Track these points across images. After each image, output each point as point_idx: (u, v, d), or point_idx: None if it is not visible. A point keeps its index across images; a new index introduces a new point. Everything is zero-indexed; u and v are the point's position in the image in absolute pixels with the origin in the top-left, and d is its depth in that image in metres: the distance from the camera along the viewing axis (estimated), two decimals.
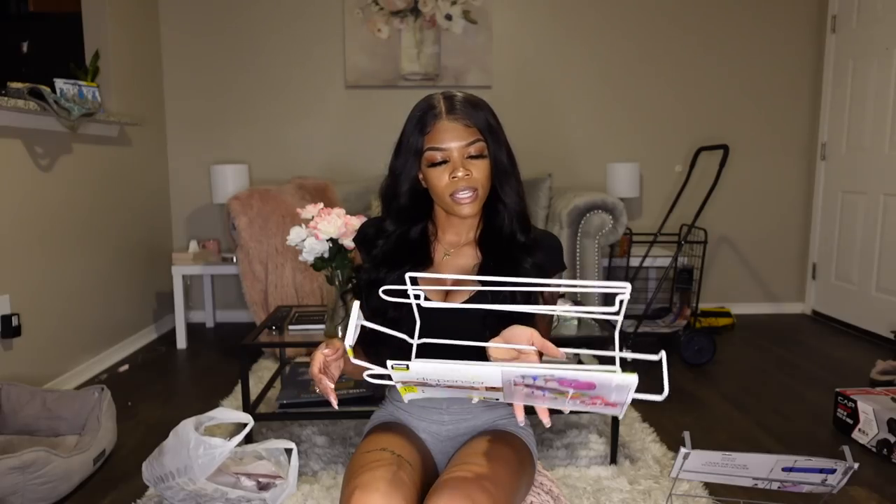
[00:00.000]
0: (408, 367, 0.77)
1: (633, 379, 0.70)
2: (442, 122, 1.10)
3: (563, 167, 3.84)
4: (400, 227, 1.19)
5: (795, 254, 4.05)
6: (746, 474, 1.35)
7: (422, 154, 1.12)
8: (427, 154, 1.11)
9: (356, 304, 0.86)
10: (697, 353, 2.97)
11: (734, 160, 3.71)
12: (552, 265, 1.19)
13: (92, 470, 1.89)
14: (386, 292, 0.87)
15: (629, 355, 0.81)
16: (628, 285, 0.76)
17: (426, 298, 1.08)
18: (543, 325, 1.18)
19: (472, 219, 1.18)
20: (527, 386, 0.75)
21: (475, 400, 0.87)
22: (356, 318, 0.85)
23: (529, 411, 0.91)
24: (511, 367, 0.73)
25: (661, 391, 0.74)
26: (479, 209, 1.15)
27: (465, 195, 1.10)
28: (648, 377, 2.81)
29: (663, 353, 0.79)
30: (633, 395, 0.73)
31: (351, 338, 0.83)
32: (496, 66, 3.80)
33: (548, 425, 0.86)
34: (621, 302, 0.75)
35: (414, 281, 0.94)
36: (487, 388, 0.80)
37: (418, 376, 0.79)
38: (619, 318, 0.76)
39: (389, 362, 0.79)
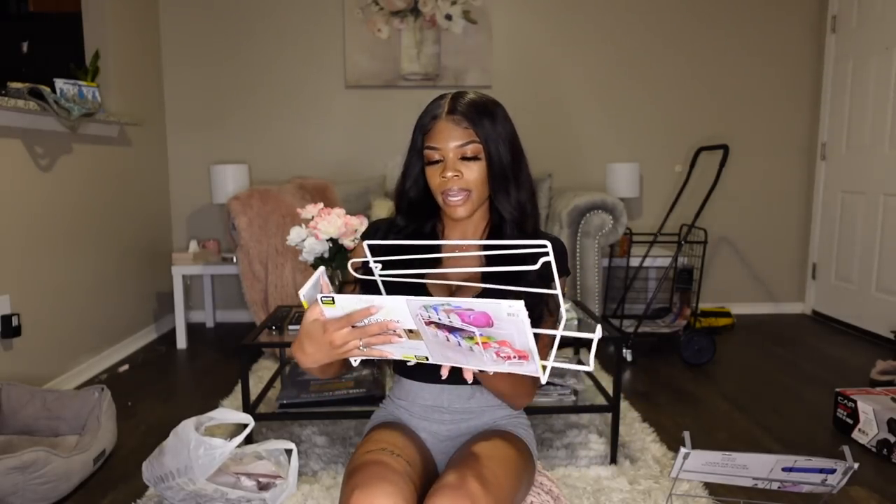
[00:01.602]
0: (333, 301, 0.85)
1: (519, 304, 0.72)
2: (441, 121, 1.10)
3: (563, 167, 3.84)
4: (411, 223, 1.19)
5: (795, 254, 4.05)
6: (746, 474, 1.35)
7: (422, 152, 1.13)
8: (425, 153, 1.12)
9: (321, 269, 0.93)
10: (697, 353, 2.97)
11: (734, 160, 3.71)
12: (558, 271, 1.18)
13: (92, 470, 1.89)
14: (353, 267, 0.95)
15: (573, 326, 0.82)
16: (548, 244, 0.81)
17: (425, 288, 1.09)
18: (551, 322, 1.17)
19: (476, 220, 1.18)
20: (437, 327, 0.78)
21: (411, 362, 0.90)
22: (318, 278, 0.92)
23: (529, 411, 0.91)
24: (415, 298, 0.77)
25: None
26: (473, 211, 1.14)
27: (454, 196, 1.10)
28: (648, 377, 2.75)
29: (599, 328, 0.83)
30: (530, 332, 0.74)
31: (305, 290, 0.90)
32: (496, 66, 3.80)
33: (469, 380, 0.90)
34: (547, 263, 0.79)
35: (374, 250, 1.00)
36: (410, 335, 0.83)
37: (343, 311, 0.85)
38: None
39: (318, 296, 0.87)
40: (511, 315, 0.72)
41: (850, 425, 2.17)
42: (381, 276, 0.95)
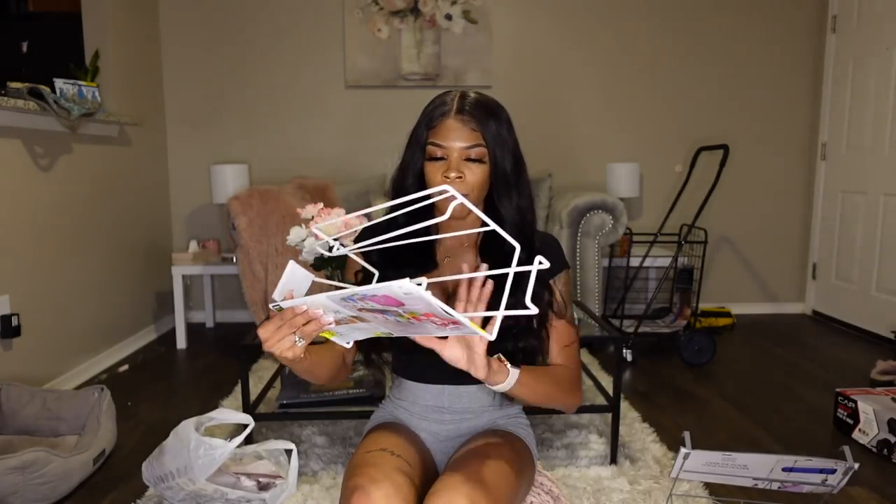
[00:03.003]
0: (281, 308, 0.87)
1: (407, 283, 0.71)
2: (448, 119, 1.09)
3: (563, 167, 3.84)
4: (410, 221, 1.18)
5: (795, 254, 4.05)
6: (746, 474, 1.34)
7: (425, 147, 1.12)
8: (428, 148, 1.11)
9: (291, 262, 0.93)
10: (697, 353, 2.97)
11: (734, 160, 3.71)
12: (555, 267, 1.18)
13: (92, 470, 1.89)
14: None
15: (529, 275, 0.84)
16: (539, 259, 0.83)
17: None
18: (561, 326, 1.16)
19: (471, 222, 1.17)
20: (370, 311, 0.80)
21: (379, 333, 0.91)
22: (290, 276, 0.91)
23: (530, 412, 0.91)
24: (334, 293, 0.79)
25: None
26: (466, 212, 1.14)
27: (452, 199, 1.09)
28: (648, 377, 2.75)
29: (538, 258, 0.83)
30: (438, 304, 0.73)
31: (279, 294, 0.90)
32: (496, 66, 3.80)
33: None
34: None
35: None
36: (370, 312, 0.83)
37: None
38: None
39: (271, 305, 0.88)
40: (407, 294, 0.72)
41: (850, 425, 2.17)
42: (338, 251, 0.98)
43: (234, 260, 3.24)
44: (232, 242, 3.13)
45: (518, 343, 1.10)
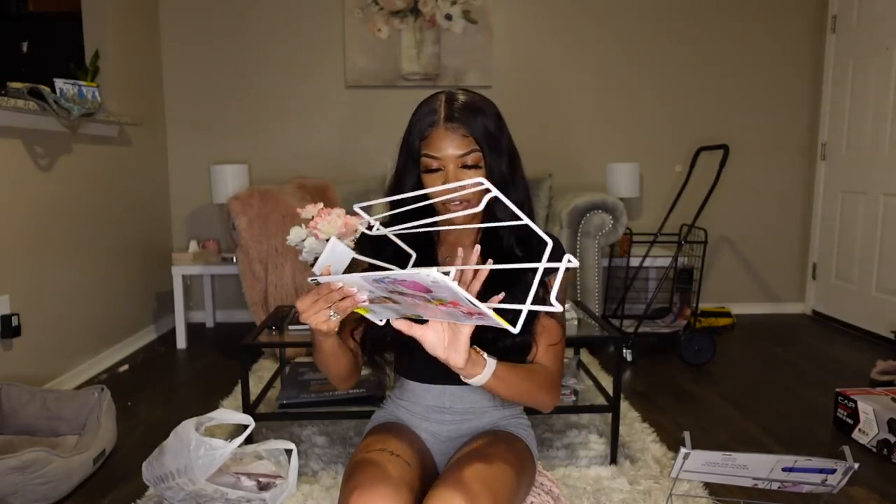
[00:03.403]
0: (318, 283, 0.92)
1: (434, 272, 0.74)
2: (439, 129, 1.08)
3: (563, 167, 3.84)
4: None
5: (795, 254, 4.05)
6: (746, 474, 1.34)
7: (419, 158, 1.11)
8: (423, 160, 1.10)
9: (333, 239, 0.98)
10: (697, 353, 2.97)
11: (734, 160, 3.71)
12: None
13: (92, 470, 1.89)
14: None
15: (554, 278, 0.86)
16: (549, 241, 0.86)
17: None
18: (551, 325, 1.16)
19: (470, 224, 1.17)
20: (402, 294, 0.83)
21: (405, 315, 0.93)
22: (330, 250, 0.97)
23: (531, 412, 0.91)
24: (368, 274, 0.82)
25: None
26: (472, 218, 1.13)
27: (455, 205, 1.09)
28: (648, 377, 2.75)
29: (567, 257, 0.85)
30: (463, 294, 0.75)
31: (318, 269, 0.95)
32: (496, 66, 3.80)
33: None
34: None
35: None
36: (400, 295, 0.85)
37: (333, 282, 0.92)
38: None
39: (309, 279, 0.93)
40: (434, 282, 0.75)
41: (850, 425, 2.17)
42: (377, 231, 1.01)
43: (234, 260, 3.24)
44: (232, 242, 3.13)
45: (515, 339, 1.09)
